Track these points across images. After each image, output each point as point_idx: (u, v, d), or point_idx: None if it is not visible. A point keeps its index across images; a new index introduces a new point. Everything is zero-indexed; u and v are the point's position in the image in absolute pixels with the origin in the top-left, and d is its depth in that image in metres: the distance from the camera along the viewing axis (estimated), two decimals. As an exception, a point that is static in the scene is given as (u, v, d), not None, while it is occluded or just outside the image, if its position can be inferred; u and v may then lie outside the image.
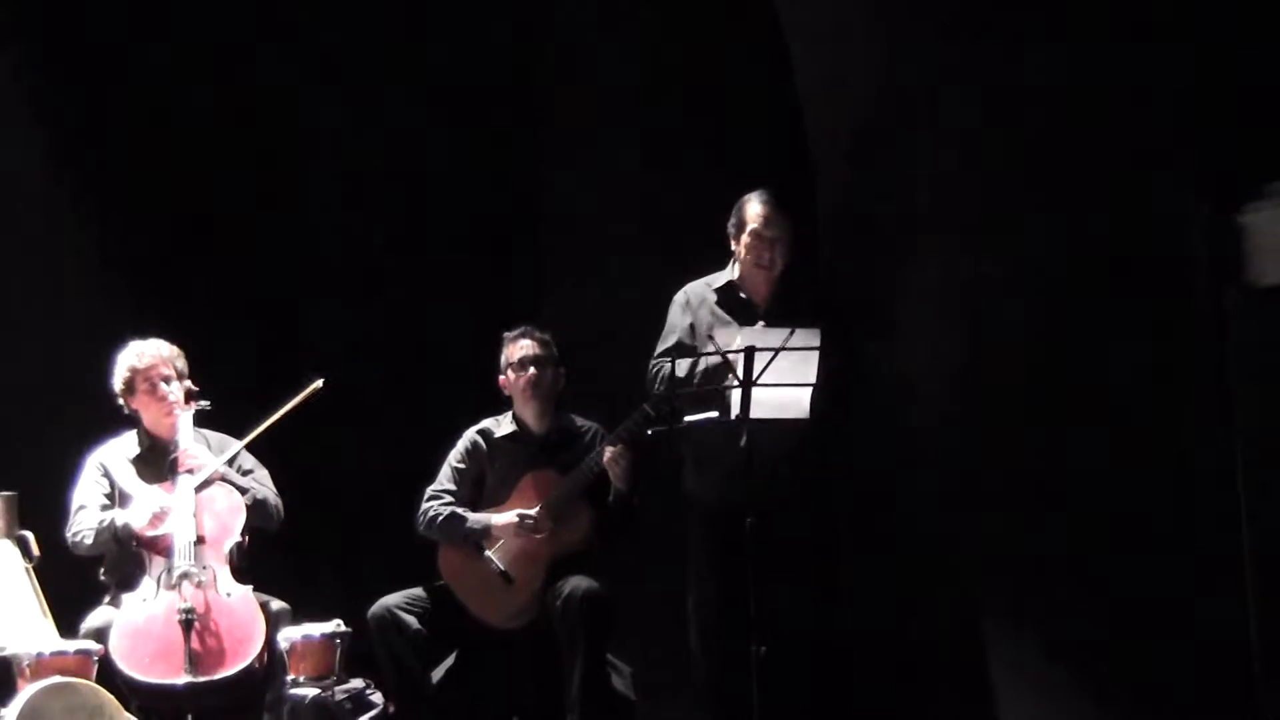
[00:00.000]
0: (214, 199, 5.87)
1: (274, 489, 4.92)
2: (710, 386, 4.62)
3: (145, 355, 4.83)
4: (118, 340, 4.96)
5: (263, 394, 4.97)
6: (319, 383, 4.85)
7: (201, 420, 4.89)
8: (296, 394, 4.83)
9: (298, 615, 4.82)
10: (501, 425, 5.06)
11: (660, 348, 4.83)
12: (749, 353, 4.38)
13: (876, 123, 4.77)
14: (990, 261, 4.42)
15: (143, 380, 4.83)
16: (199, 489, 4.75)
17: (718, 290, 4.84)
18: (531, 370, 4.97)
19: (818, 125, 4.96)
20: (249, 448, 4.91)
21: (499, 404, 5.08)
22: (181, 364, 4.88)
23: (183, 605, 4.50)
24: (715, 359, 4.57)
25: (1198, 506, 4.06)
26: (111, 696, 4.39)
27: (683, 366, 4.71)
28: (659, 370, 4.78)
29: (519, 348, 5.01)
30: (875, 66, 4.74)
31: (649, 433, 4.73)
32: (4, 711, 4.36)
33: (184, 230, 5.80)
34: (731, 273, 4.83)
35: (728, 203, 4.85)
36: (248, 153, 5.92)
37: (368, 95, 6.06)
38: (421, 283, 5.98)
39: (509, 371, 5.01)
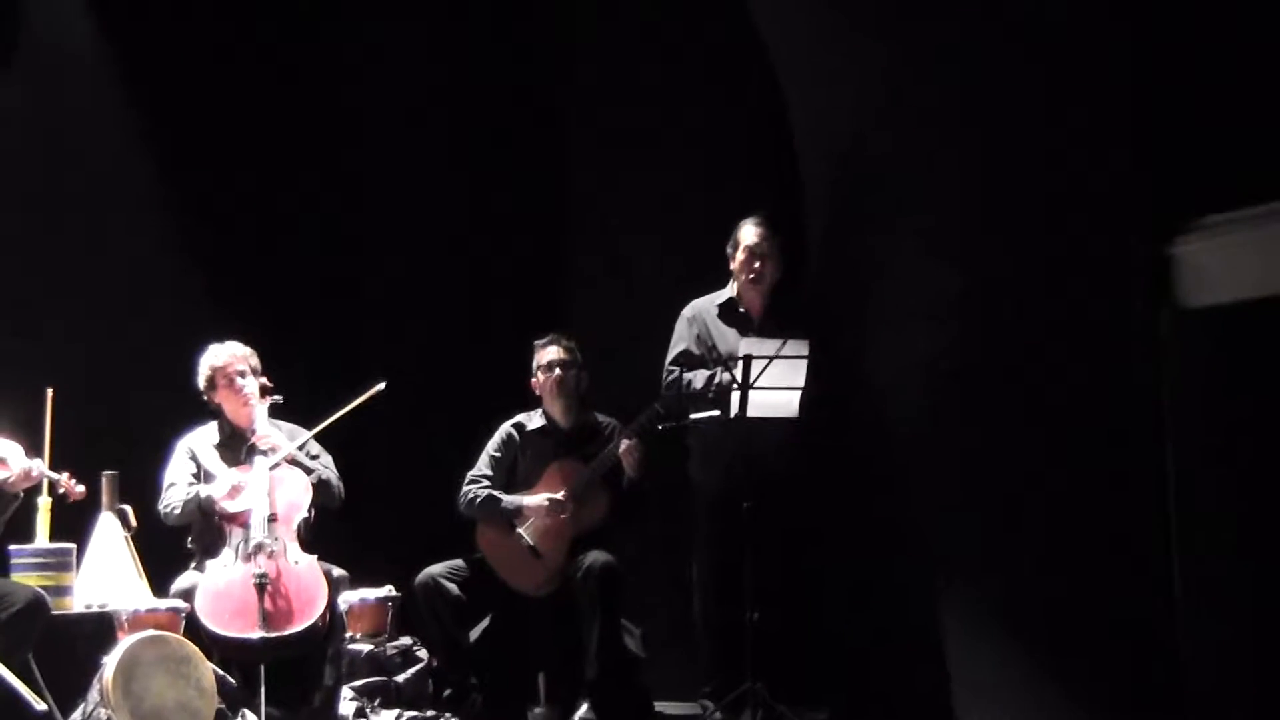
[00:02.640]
0: (288, 218, 5.90)
1: (336, 472, 4.97)
2: (715, 388, 4.71)
3: (222, 355, 4.89)
4: (202, 341, 4.98)
5: (326, 389, 5.02)
6: (382, 385, 4.88)
7: (274, 412, 4.96)
8: (360, 393, 4.86)
9: (355, 581, 4.93)
10: (532, 420, 5.13)
11: (670, 356, 4.92)
12: (746, 360, 4.47)
13: (858, 156, 4.85)
14: (957, 282, 4.46)
15: (222, 377, 4.88)
16: (272, 469, 4.81)
17: (719, 305, 4.94)
18: (557, 372, 5.04)
19: (808, 157, 5.04)
20: (315, 436, 4.94)
21: (530, 401, 5.14)
22: (255, 362, 4.91)
23: (257, 571, 4.59)
24: (726, 376, 4.65)
25: (1131, 501, 4.09)
26: (196, 648, 4.49)
27: (699, 380, 4.81)
28: (673, 378, 4.87)
29: (547, 353, 5.08)
30: (856, 106, 4.81)
31: (659, 428, 4.81)
32: (105, 659, 4.45)
33: (263, 245, 5.81)
34: (730, 290, 4.93)
35: (728, 225, 4.91)
36: (318, 171, 5.93)
37: (418, 116, 6.07)
38: (464, 294, 6.03)
39: (538, 373, 5.08)
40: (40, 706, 4.33)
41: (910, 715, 4.58)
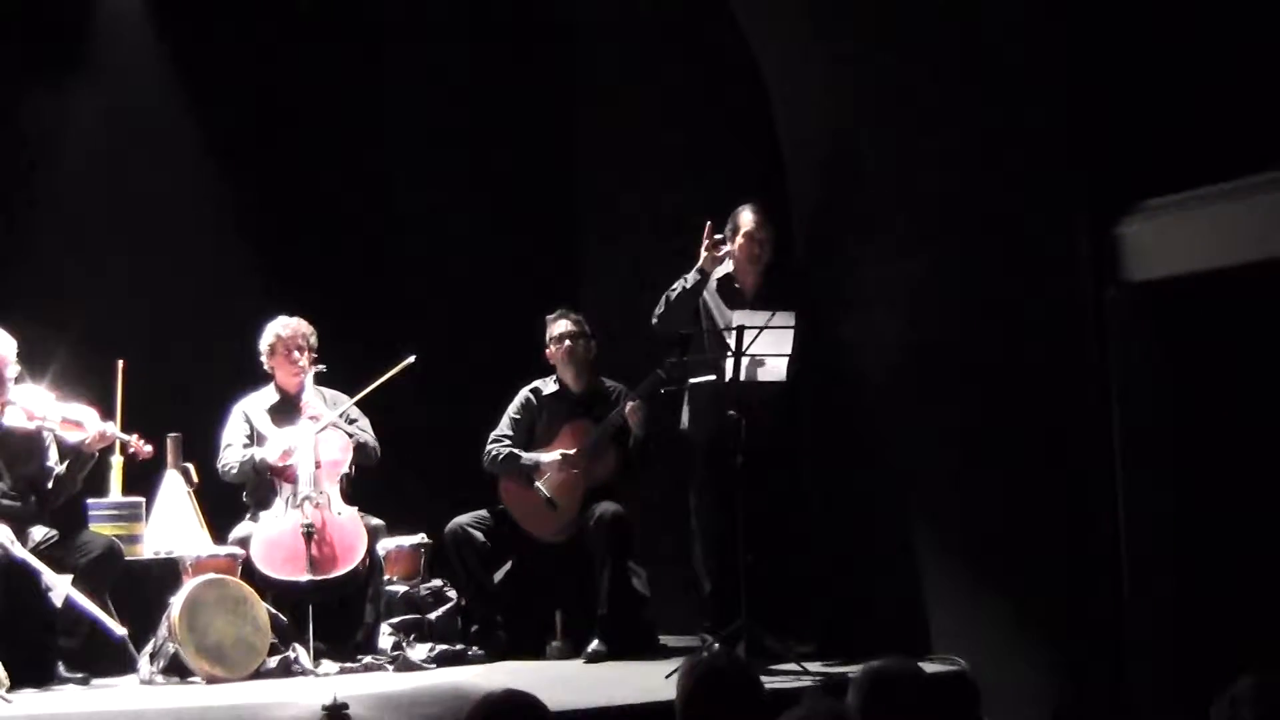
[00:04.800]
0: (332, 210, 5.91)
1: (373, 434, 5.04)
2: (709, 355, 4.68)
3: (288, 329, 4.96)
4: (253, 318, 5.05)
5: (365, 362, 5.05)
6: (411, 358, 4.92)
7: (318, 379, 5.03)
8: (394, 365, 4.90)
9: (391, 530, 5.03)
10: (548, 385, 5.17)
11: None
12: (739, 330, 4.44)
13: (831, 151, 4.88)
14: (921, 262, 4.50)
15: (282, 347, 4.95)
16: (318, 433, 4.89)
17: (717, 280, 4.85)
18: (567, 343, 5.08)
19: (793, 153, 5.07)
20: (355, 402, 5.00)
21: (545, 369, 5.20)
22: (314, 340, 4.98)
23: (305, 521, 4.71)
24: (692, 277, 4.67)
25: (1081, 455, 4.12)
26: (251, 589, 4.62)
27: (673, 293, 4.77)
28: (664, 300, 4.82)
29: (558, 326, 5.12)
30: (830, 107, 4.86)
31: (662, 391, 4.84)
32: (172, 599, 4.57)
33: (308, 235, 5.83)
34: (727, 266, 4.87)
35: (720, 208, 4.89)
36: (357, 170, 5.95)
37: (446, 118, 6.07)
38: (487, 274, 6.03)
39: (551, 345, 5.13)
40: (119, 631, 4.46)
41: (885, 648, 4.60)
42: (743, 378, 4.49)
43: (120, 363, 5.08)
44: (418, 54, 6.09)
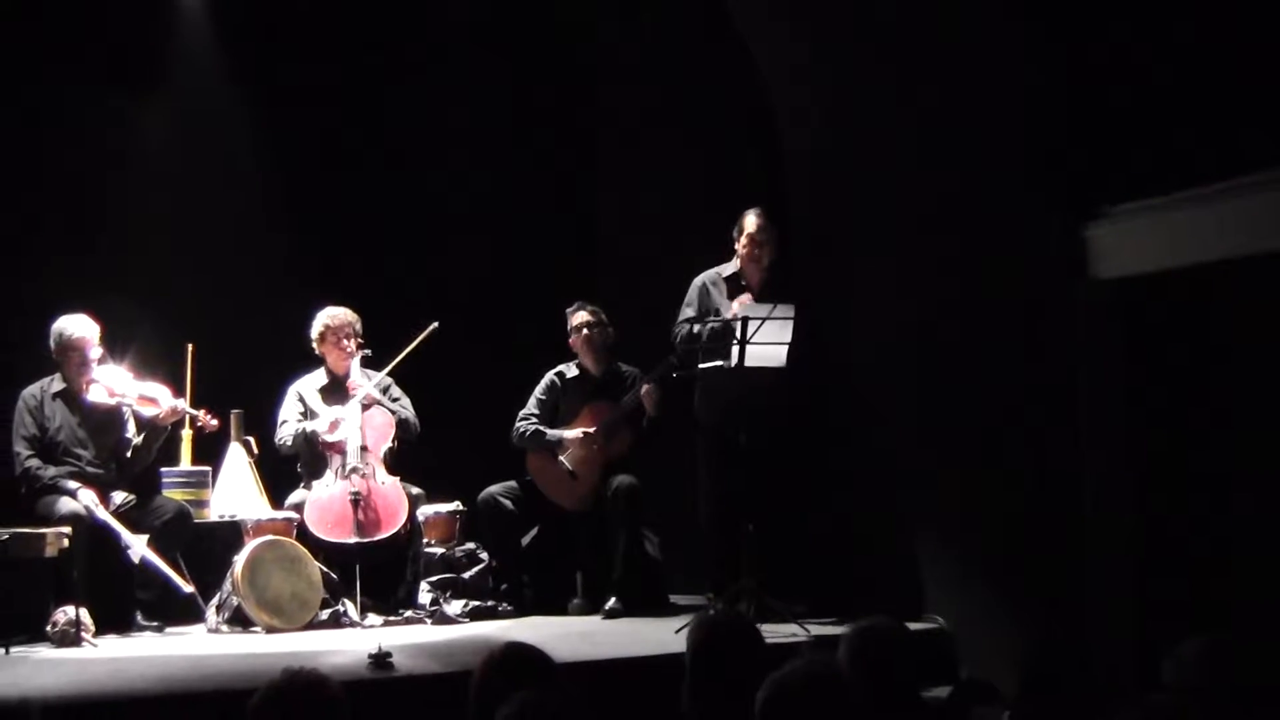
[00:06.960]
0: (380, 209, 5.86)
1: (414, 412, 5.06)
2: (717, 344, 4.68)
3: (337, 318, 4.98)
4: (305, 306, 5.06)
5: (406, 343, 5.00)
6: (435, 325, 4.91)
7: (365, 362, 5.04)
8: (417, 335, 4.91)
9: (430, 498, 5.03)
10: (570, 369, 5.22)
11: (681, 316, 4.94)
12: (744, 320, 4.49)
13: (834, 160, 4.90)
14: (909, 261, 4.53)
15: (331, 334, 4.98)
16: (364, 410, 4.93)
17: (725, 277, 4.92)
18: (585, 331, 5.13)
19: (793, 159, 5.08)
20: (397, 381, 5.02)
21: (569, 354, 5.23)
22: (359, 326, 5.00)
23: (353, 489, 4.77)
24: (715, 324, 4.70)
25: (1051, 431, 4.14)
26: (305, 550, 4.67)
27: (696, 326, 4.84)
28: (679, 331, 4.91)
29: (578, 316, 5.17)
30: (827, 118, 4.88)
31: (673, 375, 4.86)
32: (235, 558, 4.63)
33: (353, 234, 5.79)
34: (734, 265, 4.93)
35: (731, 214, 4.93)
36: (396, 173, 5.91)
37: (483, 124, 6.04)
38: (517, 270, 6.01)
39: (572, 334, 5.18)
40: (187, 589, 4.55)
41: (875, 608, 4.63)
42: (747, 363, 4.50)
43: (190, 346, 5.10)
44: (457, 60, 6.05)
